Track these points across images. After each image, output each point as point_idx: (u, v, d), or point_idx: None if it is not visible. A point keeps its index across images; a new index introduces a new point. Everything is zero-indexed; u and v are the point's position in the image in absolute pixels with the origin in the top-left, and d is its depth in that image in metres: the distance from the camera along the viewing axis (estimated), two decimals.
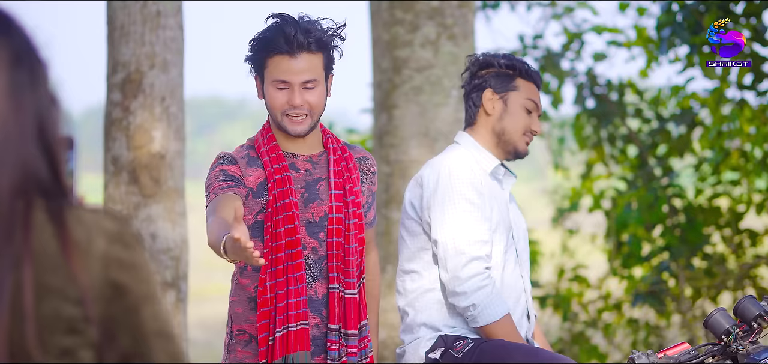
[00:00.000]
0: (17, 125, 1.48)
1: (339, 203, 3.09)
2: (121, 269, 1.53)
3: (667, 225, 6.81)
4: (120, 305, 1.52)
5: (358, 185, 3.15)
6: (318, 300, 3.09)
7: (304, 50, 3.00)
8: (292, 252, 3.01)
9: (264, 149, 3.08)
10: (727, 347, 3.04)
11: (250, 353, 3.10)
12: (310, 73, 3.01)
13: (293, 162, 3.10)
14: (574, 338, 7.02)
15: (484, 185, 3.44)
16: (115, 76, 4.61)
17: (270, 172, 3.04)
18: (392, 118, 5.37)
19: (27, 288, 1.46)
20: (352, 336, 3.11)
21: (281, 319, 3.01)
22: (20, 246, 1.46)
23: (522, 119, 3.51)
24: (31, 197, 1.49)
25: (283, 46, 2.99)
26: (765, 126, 6.33)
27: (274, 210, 3.01)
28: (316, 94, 3.04)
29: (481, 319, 3.34)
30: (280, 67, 3.01)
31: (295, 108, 3.02)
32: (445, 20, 5.34)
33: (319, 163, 3.13)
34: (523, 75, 3.52)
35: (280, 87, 3.02)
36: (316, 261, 3.08)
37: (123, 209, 4.54)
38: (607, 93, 7.09)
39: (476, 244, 3.35)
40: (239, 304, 3.12)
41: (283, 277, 3.01)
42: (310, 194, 3.09)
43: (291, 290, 3.00)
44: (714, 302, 6.70)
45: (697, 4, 6.31)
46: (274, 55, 3.01)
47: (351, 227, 3.10)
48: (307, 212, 3.07)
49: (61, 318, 1.48)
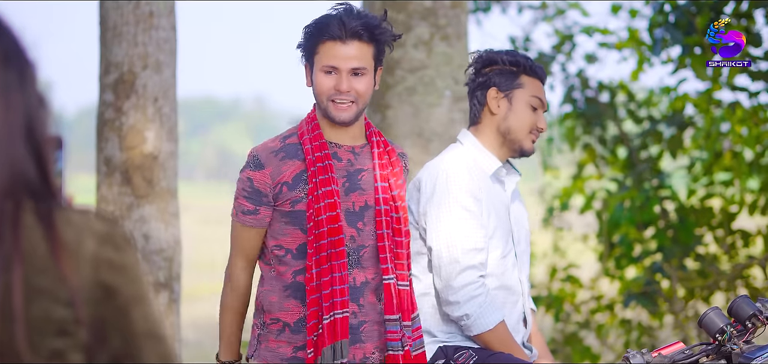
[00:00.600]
0: (6, 126, 1.48)
1: (386, 194, 3.12)
2: (111, 271, 1.52)
3: (659, 226, 6.82)
4: (110, 307, 1.52)
5: (401, 178, 3.18)
6: (356, 288, 3.11)
7: (355, 38, 3.05)
8: (335, 240, 3.03)
9: (307, 136, 3.11)
10: (721, 346, 3.05)
11: (284, 342, 3.11)
12: (360, 61, 3.05)
13: (335, 151, 3.12)
14: (567, 339, 7.02)
15: (482, 189, 3.41)
16: (108, 76, 4.60)
17: (311, 161, 3.07)
18: (385, 119, 5.37)
19: (16, 290, 1.45)
20: (406, 327, 3.13)
21: (328, 306, 3.03)
22: (9, 248, 1.46)
23: (527, 117, 3.47)
24: (20, 198, 1.48)
25: (335, 31, 3.04)
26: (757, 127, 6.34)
27: (315, 198, 3.04)
28: (364, 83, 3.07)
29: (474, 328, 3.33)
30: (330, 52, 3.06)
31: (342, 94, 3.06)
32: (438, 21, 5.34)
33: (361, 154, 3.15)
34: (527, 71, 3.48)
35: (329, 72, 3.07)
36: (355, 249, 3.10)
37: (116, 210, 4.53)
38: (598, 94, 7.10)
39: (470, 252, 3.33)
40: (273, 293, 3.12)
41: (327, 264, 3.03)
42: (352, 183, 3.12)
43: (335, 277, 3.03)
44: (706, 302, 6.71)
45: (689, 5, 6.32)
46: (325, 41, 3.06)
47: (400, 220, 3.13)
48: (348, 200, 3.10)
49: (51, 320, 1.47)
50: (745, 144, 6.35)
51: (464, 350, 3.34)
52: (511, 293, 3.46)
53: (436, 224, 3.36)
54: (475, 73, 3.53)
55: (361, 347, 3.12)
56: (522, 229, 3.58)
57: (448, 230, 3.34)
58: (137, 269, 1.56)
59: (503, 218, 3.47)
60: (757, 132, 6.23)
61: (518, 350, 3.37)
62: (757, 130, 6.25)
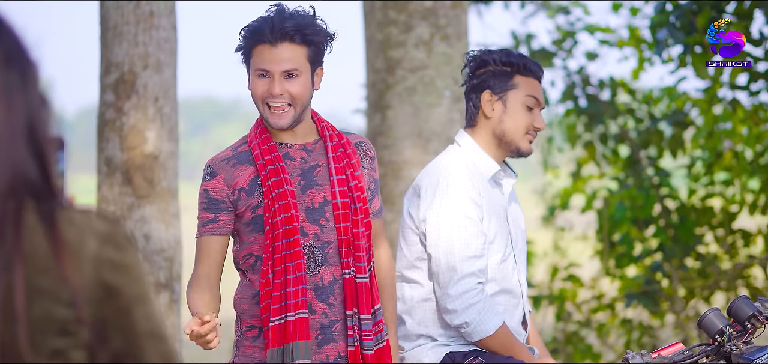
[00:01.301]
0: (8, 126, 1.48)
1: (343, 188, 3.09)
2: (112, 271, 1.52)
3: (660, 225, 6.82)
4: (112, 307, 1.52)
5: (359, 169, 3.15)
6: (324, 287, 3.09)
7: (286, 40, 3.02)
8: (290, 241, 3.01)
9: (256, 142, 3.10)
10: (720, 347, 3.04)
11: (259, 347, 3.11)
12: (291, 63, 3.02)
13: (287, 152, 3.10)
14: (568, 338, 7.02)
15: (482, 194, 3.38)
16: (109, 76, 4.60)
17: (261, 165, 3.05)
18: (386, 119, 5.37)
19: (18, 290, 1.45)
20: (367, 321, 3.10)
21: (277, 308, 3.01)
22: (11, 248, 1.46)
23: (523, 118, 3.42)
24: (21, 198, 1.48)
25: (266, 35, 3.02)
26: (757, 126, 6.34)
27: (271, 201, 3.02)
28: (298, 85, 3.04)
29: (475, 335, 3.32)
30: (262, 56, 3.04)
31: (275, 97, 3.03)
32: (438, 21, 5.34)
33: (315, 151, 3.13)
34: (521, 71, 3.42)
35: (262, 75, 3.05)
36: (319, 247, 3.08)
37: (116, 210, 4.53)
38: (599, 92, 7.09)
39: (469, 260, 3.31)
40: (244, 300, 3.13)
41: (281, 266, 3.01)
42: (307, 181, 3.09)
43: (289, 279, 3.01)
44: (707, 302, 6.71)
45: (690, 4, 6.31)
46: (257, 45, 3.04)
47: (358, 212, 3.10)
48: (306, 198, 3.08)
49: (52, 320, 1.48)
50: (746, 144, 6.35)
51: (473, 355, 3.33)
52: (511, 296, 3.45)
53: (436, 231, 3.34)
54: (469, 75, 3.50)
55: (334, 346, 3.10)
56: (519, 230, 3.56)
57: (447, 237, 3.32)
58: (139, 269, 1.56)
59: (502, 221, 3.46)
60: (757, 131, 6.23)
61: (522, 351, 3.36)
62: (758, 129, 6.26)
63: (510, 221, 3.50)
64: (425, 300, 3.41)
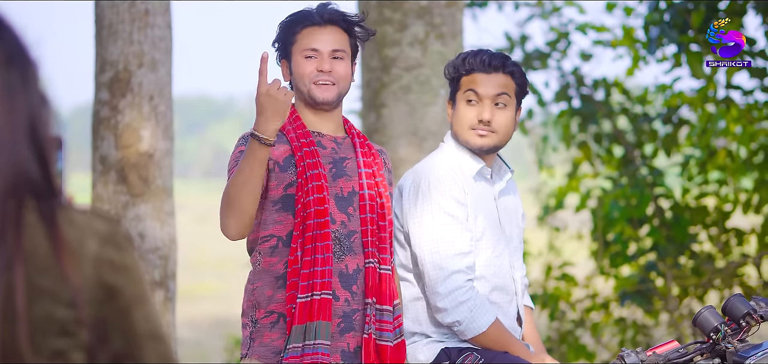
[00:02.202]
0: (9, 126, 1.48)
1: (370, 180, 3.19)
2: (113, 271, 1.52)
3: (654, 224, 6.83)
4: (112, 307, 1.52)
5: (382, 170, 3.25)
6: (348, 275, 3.13)
7: (332, 23, 3.18)
8: (320, 222, 3.06)
9: (290, 126, 3.16)
10: (715, 345, 3.06)
11: (279, 333, 3.11)
12: (339, 43, 3.17)
13: (319, 140, 3.19)
14: (562, 337, 7.03)
15: (467, 191, 3.38)
16: (104, 74, 4.59)
17: (297, 147, 3.12)
18: (381, 117, 5.38)
19: (19, 289, 1.45)
20: (387, 312, 3.15)
21: (305, 286, 3.04)
22: (12, 247, 1.46)
23: (464, 115, 3.40)
24: (22, 198, 1.48)
25: (314, 17, 3.17)
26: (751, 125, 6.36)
27: (304, 181, 3.09)
28: (344, 66, 3.18)
29: (468, 332, 3.32)
30: (310, 36, 3.17)
31: (324, 73, 3.14)
32: (433, 19, 5.34)
33: (344, 145, 3.23)
34: (464, 70, 3.42)
35: (310, 55, 3.16)
36: (346, 235, 3.14)
37: (111, 209, 4.52)
38: (594, 92, 7.11)
39: (456, 257, 3.31)
40: (267, 286, 3.13)
41: (311, 245, 3.06)
42: (338, 169, 3.18)
43: (318, 259, 3.05)
44: (701, 301, 6.72)
45: (684, 3, 6.33)
46: (304, 28, 3.17)
47: (384, 206, 3.19)
48: (336, 185, 3.16)
49: (53, 320, 1.48)
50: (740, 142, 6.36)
51: (468, 351, 3.34)
52: (505, 293, 3.45)
53: (420, 230, 3.35)
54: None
55: (355, 335, 3.13)
56: (515, 226, 3.56)
57: (431, 235, 3.33)
58: (139, 270, 1.56)
59: (492, 216, 3.46)
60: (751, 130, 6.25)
61: (517, 347, 3.36)
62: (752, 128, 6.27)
63: (503, 217, 3.50)
64: (417, 299, 3.42)
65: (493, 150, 3.45)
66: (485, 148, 3.42)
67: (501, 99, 3.40)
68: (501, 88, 3.40)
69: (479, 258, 3.39)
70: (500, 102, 3.41)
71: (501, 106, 3.41)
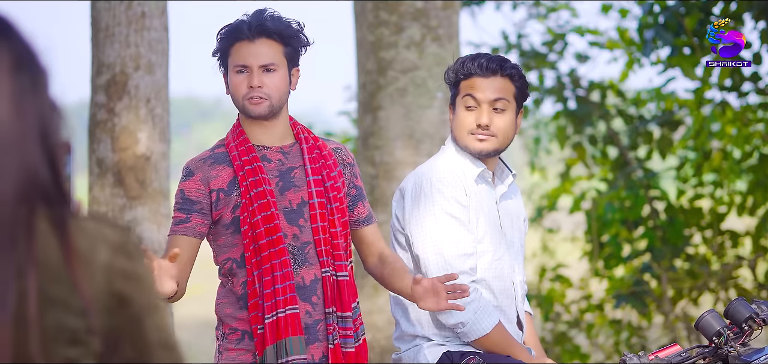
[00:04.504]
0: (20, 130, 1.46)
1: (319, 188, 3.15)
2: (124, 280, 1.51)
3: (649, 226, 6.83)
4: (123, 316, 1.51)
5: (334, 170, 3.20)
6: (306, 286, 3.12)
7: (263, 35, 3.11)
8: (273, 239, 3.06)
9: (233, 144, 3.15)
10: (718, 349, 3.06)
11: (244, 349, 3.13)
12: (269, 58, 3.11)
13: (264, 154, 3.16)
14: (557, 339, 7.03)
15: (469, 193, 3.38)
16: (100, 77, 4.57)
17: (239, 166, 3.10)
18: (377, 120, 5.36)
19: (31, 297, 1.44)
20: (346, 318, 3.14)
21: (269, 306, 3.04)
22: (24, 254, 1.44)
23: (463, 120, 3.40)
24: (33, 204, 1.47)
25: (244, 32, 3.11)
26: (746, 128, 6.37)
27: (249, 201, 3.07)
28: (276, 79, 3.12)
29: (471, 334, 3.31)
30: (240, 52, 3.12)
31: (253, 90, 3.10)
32: (429, 22, 5.34)
33: (291, 153, 3.19)
34: (463, 75, 3.41)
35: (240, 70, 3.12)
36: (299, 248, 3.12)
37: (108, 212, 4.51)
38: (589, 94, 7.11)
39: (459, 258, 3.31)
40: (228, 305, 3.15)
41: (268, 264, 3.05)
42: (285, 182, 3.14)
43: (277, 276, 3.05)
44: (695, 303, 6.73)
45: (678, 6, 6.34)
46: (235, 43, 3.13)
47: (334, 212, 3.15)
48: (284, 199, 3.13)
49: (64, 329, 1.46)
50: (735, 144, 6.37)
51: (470, 355, 3.33)
52: (505, 297, 3.45)
53: (422, 232, 3.34)
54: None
55: (319, 345, 3.13)
56: (516, 230, 3.55)
57: (434, 237, 3.32)
58: (150, 279, 1.55)
59: (493, 219, 3.45)
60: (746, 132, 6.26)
61: (519, 350, 3.36)
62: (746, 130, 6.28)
63: (504, 221, 3.49)
64: None
65: (494, 154, 3.44)
66: (485, 152, 3.41)
67: (499, 104, 3.39)
68: (499, 93, 3.39)
69: (480, 261, 3.38)
70: (498, 106, 3.39)
71: (499, 110, 3.39)
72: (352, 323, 3.16)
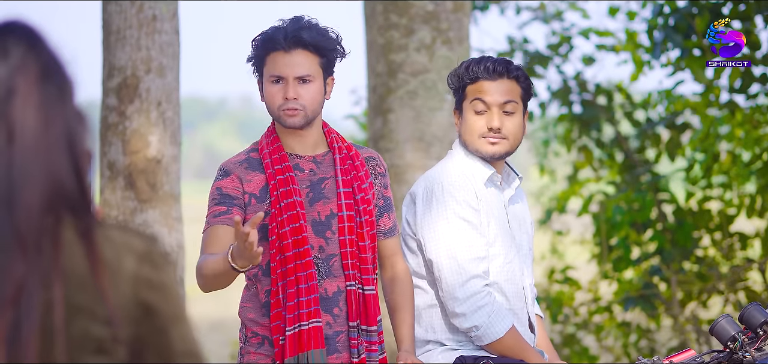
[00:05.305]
0: (47, 139, 1.47)
1: (349, 200, 3.13)
2: (150, 290, 1.51)
3: (658, 229, 6.82)
4: (149, 326, 1.51)
5: (366, 182, 3.18)
6: (328, 298, 3.11)
7: (299, 46, 3.09)
8: (300, 251, 3.04)
9: (266, 151, 3.14)
10: (732, 354, 3.05)
11: (264, 354, 3.13)
12: (304, 69, 3.08)
13: (297, 163, 3.14)
14: (565, 341, 7.03)
15: (480, 197, 3.38)
16: (111, 80, 4.58)
17: (271, 174, 3.09)
18: (387, 123, 5.36)
19: (58, 307, 1.44)
20: (372, 332, 3.14)
21: (292, 318, 3.04)
22: (50, 263, 1.45)
23: (473, 124, 3.38)
24: (60, 213, 1.47)
25: (280, 42, 3.09)
26: (755, 130, 6.35)
27: (278, 211, 3.06)
28: (311, 90, 3.09)
29: (485, 338, 3.31)
30: (276, 62, 3.09)
31: (289, 101, 3.08)
32: (440, 24, 5.33)
33: (324, 163, 3.17)
34: (469, 79, 3.40)
35: (275, 81, 3.10)
36: (324, 259, 3.11)
37: (119, 215, 4.51)
38: (595, 97, 7.10)
39: (473, 261, 3.30)
40: (251, 310, 3.15)
41: (293, 276, 3.04)
42: (315, 193, 3.13)
43: (301, 289, 3.04)
44: (704, 306, 6.72)
45: (688, 7, 6.33)
46: (271, 52, 3.10)
47: (363, 224, 3.14)
48: (313, 211, 3.11)
49: (90, 338, 1.46)
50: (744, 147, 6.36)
51: (484, 359, 3.33)
52: (517, 300, 3.45)
53: (434, 236, 3.33)
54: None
55: (337, 356, 3.12)
56: (524, 233, 3.55)
57: (447, 241, 3.31)
58: (175, 288, 1.55)
59: (503, 223, 3.45)
60: (756, 135, 6.24)
61: (532, 353, 3.36)
62: (756, 132, 6.27)
63: (513, 224, 3.49)
64: (431, 306, 3.40)
65: (504, 157, 3.44)
66: (497, 155, 3.40)
67: (508, 106, 3.39)
68: (508, 96, 3.39)
69: (492, 264, 3.38)
70: (508, 109, 3.39)
71: (509, 112, 3.40)
72: (377, 336, 3.15)
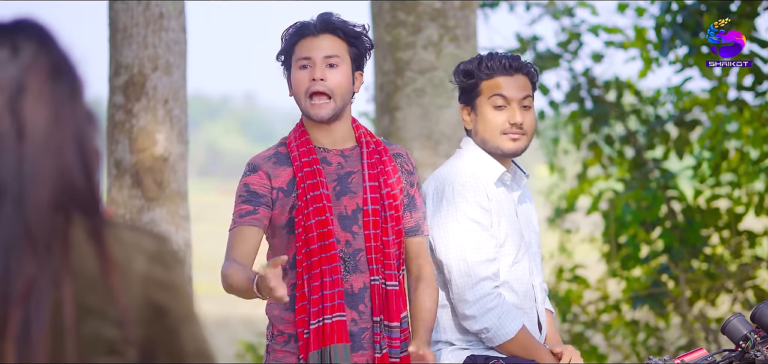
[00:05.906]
0: (57, 138, 1.46)
1: (374, 194, 3.11)
2: (161, 290, 1.50)
3: (666, 227, 6.81)
4: (160, 327, 1.50)
5: (393, 177, 3.16)
6: (353, 294, 3.09)
7: (328, 31, 3.10)
8: (326, 244, 3.03)
9: (294, 144, 3.12)
10: (744, 353, 3.03)
11: (290, 352, 3.11)
12: (332, 50, 3.09)
13: (325, 156, 3.13)
14: (574, 339, 7.02)
15: (491, 197, 3.36)
16: (118, 78, 4.57)
17: (298, 167, 3.08)
18: (395, 121, 5.35)
19: (68, 307, 1.43)
20: (395, 328, 3.11)
21: (316, 311, 3.02)
22: (60, 263, 1.44)
23: (493, 120, 3.35)
24: (70, 212, 1.46)
25: (309, 27, 3.10)
26: (764, 128, 6.34)
27: (304, 204, 3.04)
28: (339, 74, 3.08)
29: (496, 339, 3.30)
30: (304, 46, 3.10)
31: (316, 82, 3.06)
32: (447, 22, 5.32)
33: (352, 157, 3.15)
34: (483, 75, 3.37)
35: (304, 64, 3.09)
36: (350, 254, 3.10)
37: (126, 213, 4.50)
38: (605, 93, 7.08)
39: (483, 264, 3.29)
40: (276, 306, 3.13)
41: (318, 269, 3.03)
42: (342, 186, 3.12)
43: (326, 282, 3.02)
44: (713, 304, 6.70)
45: (697, 5, 6.31)
46: (300, 39, 3.11)
47: (388, 220, 3.12)
48: (340, 205, 3.10)
49: (100, 338, 1.45)
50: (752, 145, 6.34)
51: (494, 358, 3.32)
52: (526, 299, 3.44)
53: (445, 237, 3.32)
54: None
55: (363, 353, 3.11)
56: (532, 232, 3.54)
57: (457, 242, 3.30)
58: (186, 288, 1.54)
59: (513, 222, 3.43)
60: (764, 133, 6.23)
61: (543, 352, 3.35)
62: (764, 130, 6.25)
63: (522, 223, 3.48)
64: (441, 306, 3.39)
65: (522, 152, 3.43)
66: (519, 151, 3.39)
67: (526, 101, 3.39)
68: (525, 90, 3.39)
69: (502, 263, 3.37)
70: (526, 104, 3.39)
71: (527, 107, 3.39)
72: (400, 332, 3.12)
